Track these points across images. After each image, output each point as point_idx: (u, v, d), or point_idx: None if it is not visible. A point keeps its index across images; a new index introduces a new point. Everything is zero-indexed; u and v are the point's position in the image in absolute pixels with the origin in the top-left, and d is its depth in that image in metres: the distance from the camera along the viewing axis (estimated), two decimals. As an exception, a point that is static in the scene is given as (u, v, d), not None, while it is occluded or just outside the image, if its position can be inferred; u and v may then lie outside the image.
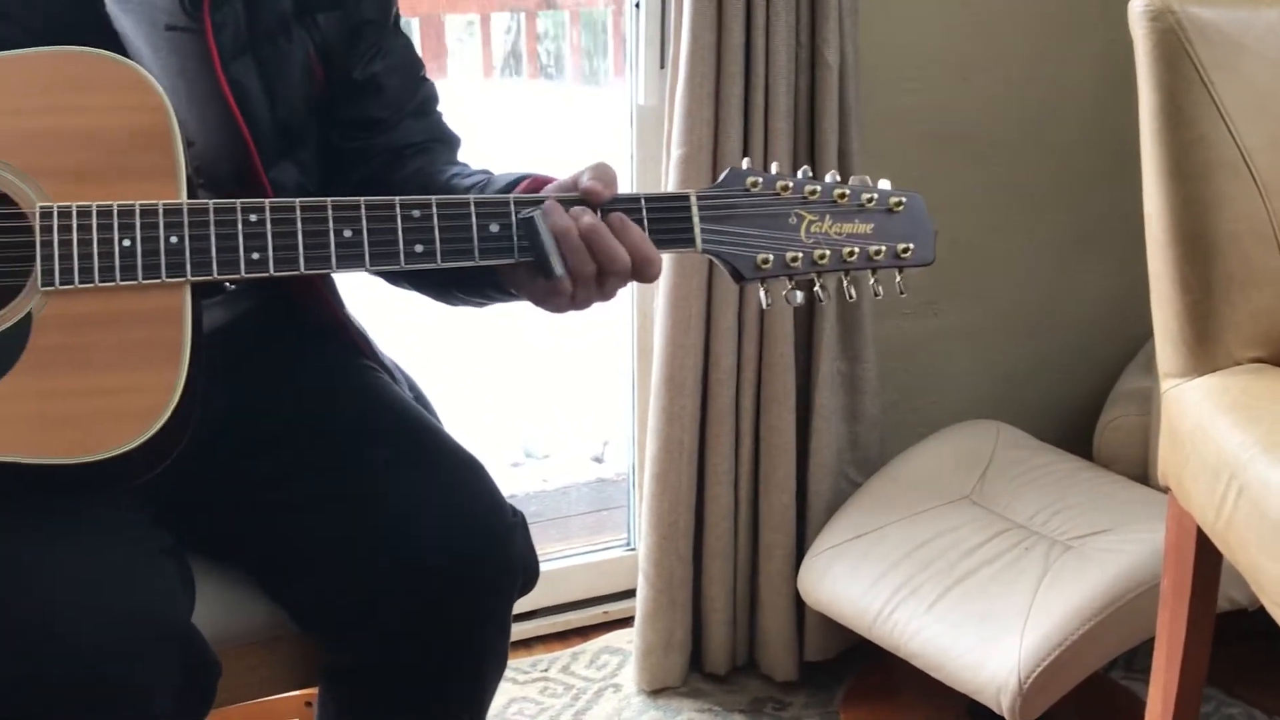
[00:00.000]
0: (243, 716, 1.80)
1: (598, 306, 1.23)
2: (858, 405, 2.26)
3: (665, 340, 2.12)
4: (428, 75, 1.47)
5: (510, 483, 2.94)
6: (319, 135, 1.39)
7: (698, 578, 2.25)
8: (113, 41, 1.19)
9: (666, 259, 1.43)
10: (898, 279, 1.29)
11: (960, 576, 2.02)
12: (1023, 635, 1.88)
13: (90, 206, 1.12)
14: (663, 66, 2.16)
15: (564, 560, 2.46)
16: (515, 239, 1.20)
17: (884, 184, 1.29)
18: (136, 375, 1.11)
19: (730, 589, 2.25)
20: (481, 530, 1.24)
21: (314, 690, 1.69)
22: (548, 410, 3.25)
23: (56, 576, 1.08)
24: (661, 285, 2.11)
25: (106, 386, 1.11)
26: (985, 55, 2.35)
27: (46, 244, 1.11)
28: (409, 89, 1.43)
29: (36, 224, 1.11)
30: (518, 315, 3.24)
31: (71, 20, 1.16)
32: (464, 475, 1.27)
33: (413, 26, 3.45)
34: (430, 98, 1.45)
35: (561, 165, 1.31)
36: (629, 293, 2.34)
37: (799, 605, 2.23)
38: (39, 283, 1.11)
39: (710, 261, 2.02)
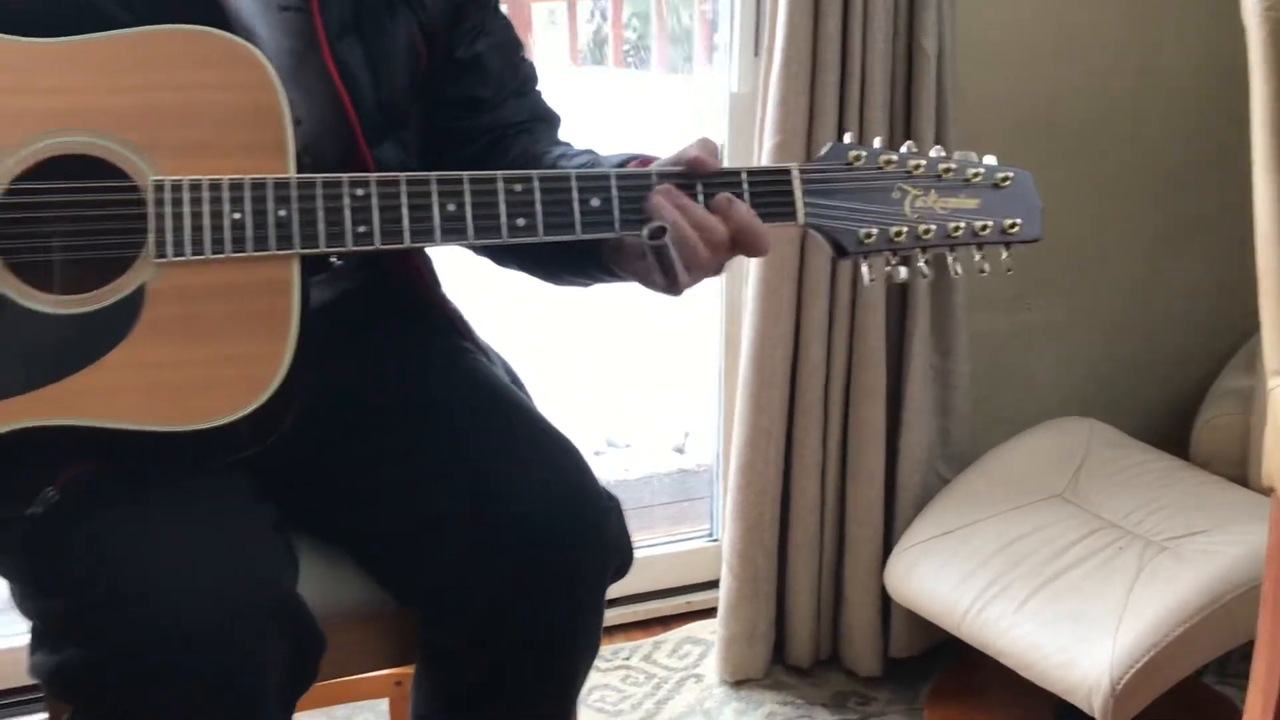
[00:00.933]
0: (333, 693, 1.84)
1: (683, 299, 1.24)
2: (949, 400, 2.25)
3: (754, 331, 2.12)
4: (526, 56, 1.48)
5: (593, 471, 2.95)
6: (422, 115, 1.41)
7: (782, 570, 2.24)
8: (224, 19, 1.21)
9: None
10: (1004, 256, 1.27)
11: (1052, 575, 2.00)
12: (1116, 636, 1.86)
13: (201, 180, 1.14)
14: (757, 54, 2.16)
15: (646, 549, 2.47)
16: (617, 214, 1.20)
17: (989, 159, 1.27)
18: (246, 345, 1.13)
19: (815, 582, 2.24)
20: (579, 513, 1.25)
21: (404, 669, 1.72)
22: (629, 400, 3.25)
23: (170, 546, 1.10)
24: (751, 277, 2.11)
25: (217, 356, 1.12)
26: (1082, 42, 2.32)
27: (159, 216, 1.13)
28: (510, 68, 1.44)
29: (149, 197, 1.13)
30: (599, 309, 3.26)
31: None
32: (560, 458, 1.28)
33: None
34: (530, 77, 1.46)
35: (660, 152, 1.31)
36: (718, 285, 2.34)
37: (884, 600, 2.22)
38: (151, 254, 1.12)
39: (801, 253, 2.08)
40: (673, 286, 1.19)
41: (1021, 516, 2.11)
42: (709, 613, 2.37)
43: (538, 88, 1.47)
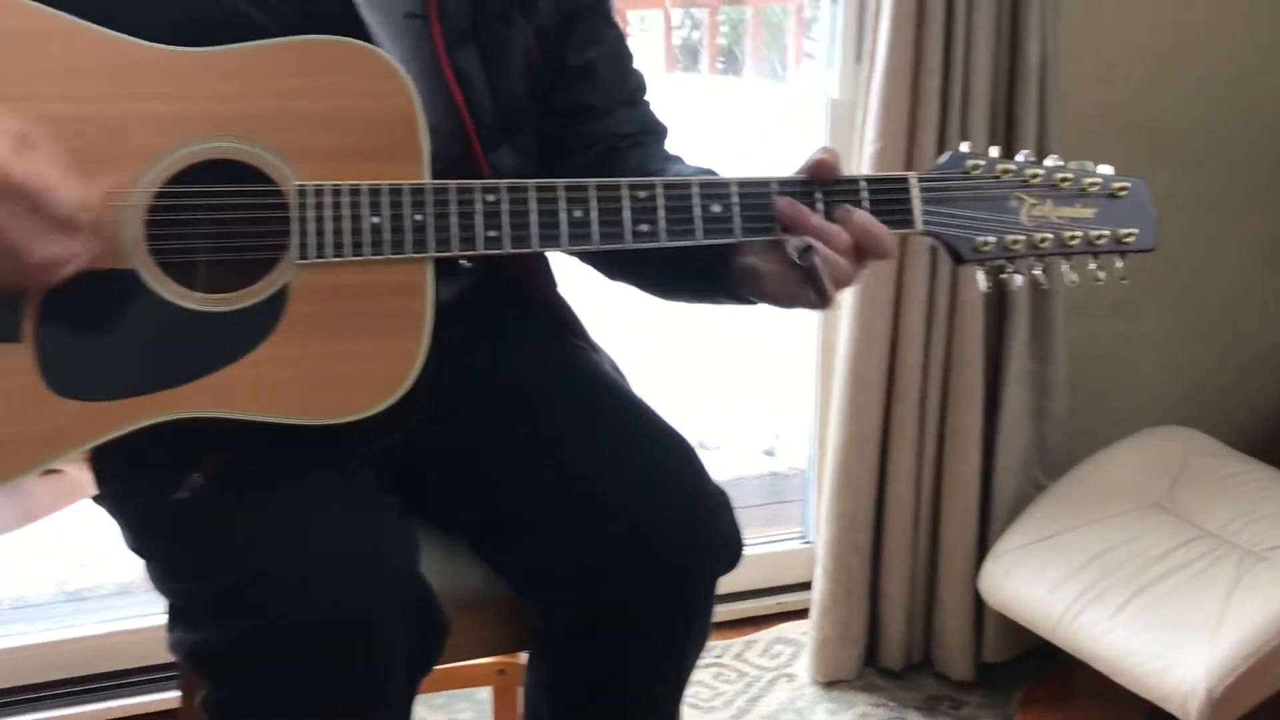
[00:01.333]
0: (439, 680, 1.89)
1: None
2: (1046, 406, 2.26)
3: (852, 336, 2.15)
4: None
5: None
6: (536, 122, 1.45)
7: (875, 573, 2.27)
8: (358, 30, 1.26)
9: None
10: (1118, 265, 1.30)
11: (1148, 583, 2.01)
12: (1214, 644, 1.87)
13: (342, 186, 1.19)
14: (858, 61, 2.18)
15: (739, 550, 2.50)
16: (738, 221, 1.24)
17: (1106, 169, 1.30)
18: (382, 343, 1.18)
19: (908, 585, 2.27)
20: (692, 508, 1.29)
21: (508, 659, 1.77)
22: (720, 403, 3.29)
23: (306, 532, 1.16)
24: (849, 281, 2.13)
25: (355, 353, 1.18)
26: (1189, 47, 2.32)
27: (302, 220, 1.18)
28: (621, 77, 1.47)
29: (293, 201, 1.18)
30: (692, 314, 3.31)
31: (322, 10, 1.23)
32: (675, 454, 1.32)
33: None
34: (640, 87, 1.50)
35: (755, 158, 1.35)
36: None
37: (978, 605, 2.23)
38: (294, 256, 1.18)
39: (900, 258, 2.10)
40: (823, 301, 1.22)
41: (1118, 524, 2.12)
42: (800, 614, 2.40)
43: (647, 98, 1.51)
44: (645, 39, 4.01)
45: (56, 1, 1.18)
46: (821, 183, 1.24)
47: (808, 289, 1.21)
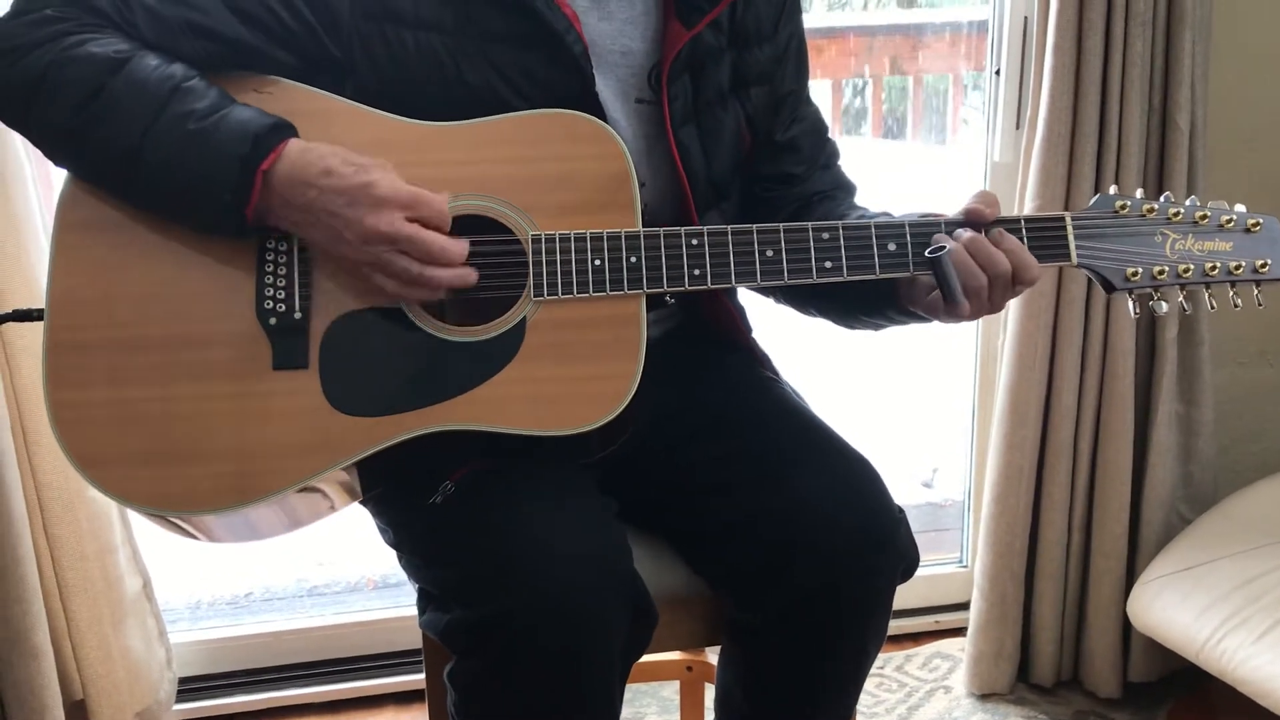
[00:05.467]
0: (632, 674, 1.99)
1: (941, 344, 1.35)
2: (1193, 446, 2.27)
3: (1010, 374, 2.20)
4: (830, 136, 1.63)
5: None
6: (741, 189, 1.56)
7: (1029, 595, 2.31)
8: (599, 108, 1.39)
9: (1012, 301, 1.53)
10: (1255, 293, 1.36)
11: (1290, 612, 2.01)
12: (1354, 671, 1.86)
13: (570, 235, 1.32)
14: (1018, 127, 2.24)
15: (901, 572, 2.56)
16: (911, 256, 1.33)
17: (1240, 207, 1.37)
18: (604, 366, 1.30)
19: (1059, 608, 2.30)
20: (874, 521, 1.37)
21: (695, 655, 1.86)
22: (880, 437, 3.34)
23: (538, 530, 1.27)
24: (1009, 326, 2.19)
25: (581, 375, 1.30)
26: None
27: (538, 264, 1.31)
28: (819, 147, 1.58)
29: (529, 248, 1.31)
30: (859, 354, 3.37)
31: (566, 94, 1.36)
32: (859, 471, 1.40)
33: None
34: (834, 154, 1.60)
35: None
36: (973, 331, 2.42)
37: (1125, 627, 2.25)
38: (532, 294, 1.31)
39: (1055, 304, 2.15)
40: (952, 306, 1.31)
41: (1262, 556, 2.12)
42: (957, 631, 2.45)
43: (839, 162, 1.61)
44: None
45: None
46: (977, 225, 1.33)
47: (937, 292, 1.31)
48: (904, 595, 2.48)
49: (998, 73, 2.27)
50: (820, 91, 3.95)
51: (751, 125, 1.50)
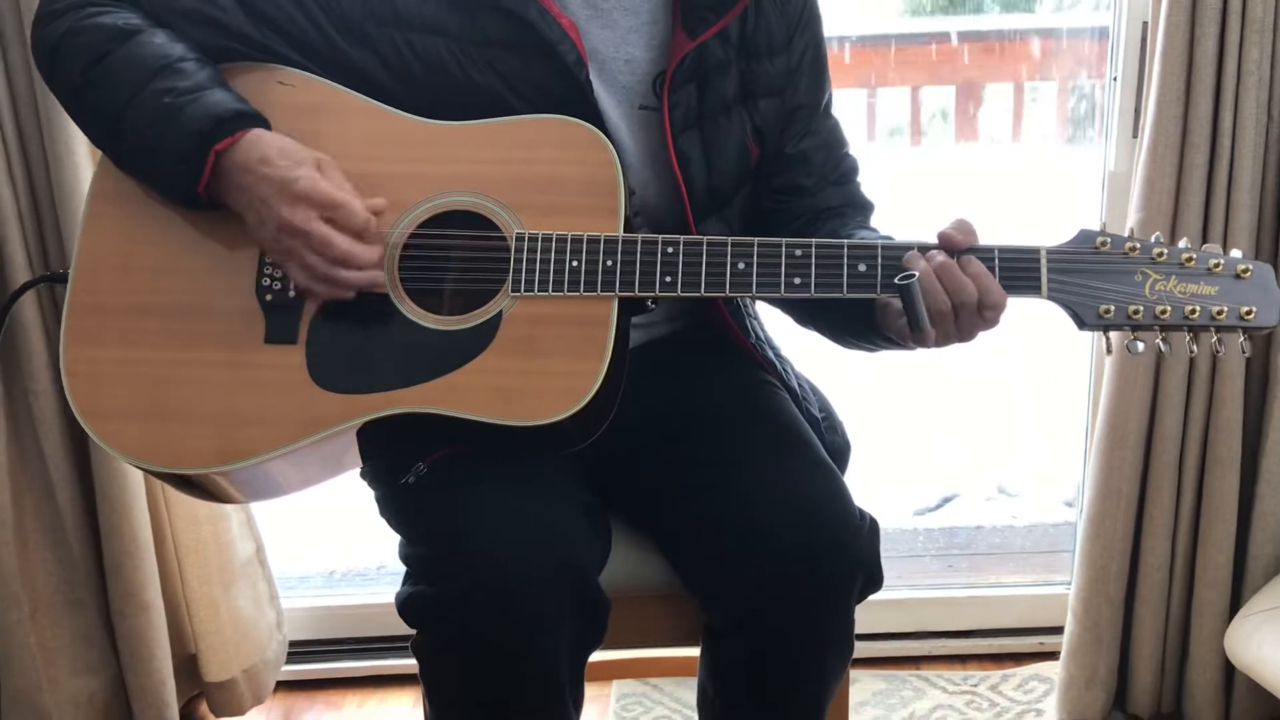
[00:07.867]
0: (680, 666, 2.00)
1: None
2: (1307, 477, 2.09)
3: (1110, 393, 2.08)
4: (850, 151, 1.59)
5: (980, 515, 2.94)
6: (747, 197, 1.53)
7: (1128, 621, 2.17)
8: (598, 115, 1.40)
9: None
10: (1241, 340, 1.29)
11: (1398, 661, 1.82)
12: None
13: (552, 234, 1.34)
14: (1135, 135, 2.11)
15: (1007, 590, 2.47)
16: (880, 278, 1.29)
17: (1235, 253, 1.30)
18: (571, 363, 1.31)
19: (1160, 636, 2.15)
20: (830, 530, 1.33)
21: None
22: (1027, 454, 3.21)
23: (498, 518, 1.29)
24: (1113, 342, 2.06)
25: (549, 369, 1.32)
26: None
27: (519, 261, 1.34)
28: (833, 162, 1.55)
29: (513, 245, 1.34)
30: (1010, 365, 3.24)
31: (564, 100, 1.39)
32: (823, 484, 1.37)
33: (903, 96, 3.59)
34: (851, 170, 1.56)
35: (1036, 224, 1.37)
36: (1089, 345, 2.29)
37: (1229, 664, 2.09)
38: (510, 289, 1.33)
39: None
40: (916, 332, 1.27)
41: (1371, 599, 1.94)
42: (1058, 655, 2.32)
43: (858, 179, 1.57)
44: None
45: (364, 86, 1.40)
46: (950, 251, 1.27)
47: (905, 316, 1.27)
48: (1007, 614, 2.42)
49: (1115, 79, 2.14)
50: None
51: (759, 136, 1.48)
